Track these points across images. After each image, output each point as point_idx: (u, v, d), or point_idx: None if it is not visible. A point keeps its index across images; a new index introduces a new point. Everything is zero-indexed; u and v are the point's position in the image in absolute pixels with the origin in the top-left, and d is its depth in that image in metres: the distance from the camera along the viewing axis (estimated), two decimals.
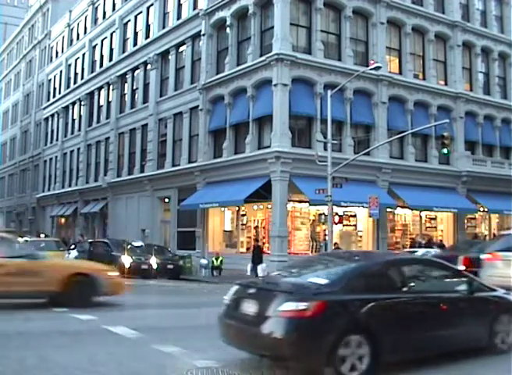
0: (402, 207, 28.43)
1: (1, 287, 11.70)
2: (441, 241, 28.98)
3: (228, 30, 28.77)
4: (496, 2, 34.86)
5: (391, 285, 7.28)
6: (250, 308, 6.94)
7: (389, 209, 27.85)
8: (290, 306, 6.41)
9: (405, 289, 7.32)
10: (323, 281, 7.02)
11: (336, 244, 24.23)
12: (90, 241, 31.24)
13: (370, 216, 24.86)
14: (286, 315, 6.41)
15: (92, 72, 43.97)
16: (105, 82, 41.29)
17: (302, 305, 6.39)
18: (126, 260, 24.78)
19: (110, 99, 40.94)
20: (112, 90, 40.38)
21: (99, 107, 43.00)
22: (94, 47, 44.28)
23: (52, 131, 51.83)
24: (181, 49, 33.21)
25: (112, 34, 41.39)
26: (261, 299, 6.88)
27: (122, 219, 36.89)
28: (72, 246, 30.45)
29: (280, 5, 25.56)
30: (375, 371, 6.59)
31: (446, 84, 31.45)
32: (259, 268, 22.34)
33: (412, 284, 7.55)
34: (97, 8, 44.76)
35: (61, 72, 50.57)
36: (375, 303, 6.84)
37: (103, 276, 13.34)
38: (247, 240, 27.93)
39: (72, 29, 49.35)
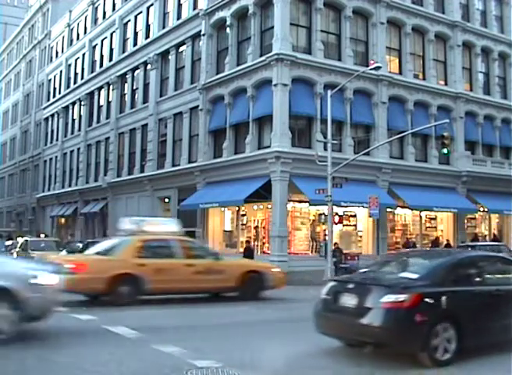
0: (402, 207, 28.43)
1: (192, 284, 13.97)
2: (448, 240, 29.13)
3: (228, 30, 28.78)
4: (495, 2, 34.87)
5: (470, 278, 8.16)
6: (349, 301, 7.73)
7: (389, 209, 27.85)
8: (390, 298, 7.22)
9: (481, 282, 8.22)
10: (414, 276, 7.84)
11: (336, 244, 24.23)
12: (88, 240, 31.22)
13: (370, 216, 24.87)
14: (386, 306, 7.22)
15: (92, 72, 43.97)
16: (105, 82, 41.29)
17: (401, 297, 7.20)
18: None
19: (110, 99, 40.94)
20: (112, 90, 40.38)
21: (99, 107, 42.99)
22: (94, 47, 44.29)
23: (52, 131, 51.82)
24: (181, 49, 33.21)
25: (112, 34, 41.39)
26: (360, 293, 7.67)
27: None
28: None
29: (280, 5, 25.57)
30: (460, 354, 7.44)
31: (446, 84, 31.46)
32: None
33: (487, 278, 8.40)
34: (97, 8, 44.76)
35: (61, 72, 50.57)
36: (459, 294, 7.74)
37: (270, 273, 15.30)
38: (247, 240, 27.94)
39: (72, 29, 49.35)
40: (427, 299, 7.38)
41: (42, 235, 41.46)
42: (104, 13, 43.25)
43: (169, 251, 14.29)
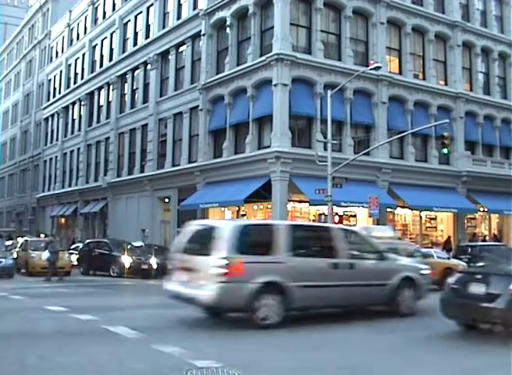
0: (402, 207, 28.43)
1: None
2: (459, 241, 29.46)
3: (228, 30, 28.77)
4: (495, 2, 34.87)
5: None
6: (478, 289, 9.13)
7: (389, 209, 27.84)
8: None
9: None
10: None
11: None
12: (88, 241, 31.29)
13: (370, 216, 24.87)
14: None
15: (92, 72, 43.98)
16: (105, 82, 41.29)
17: None
18: (126, 260, 24.81)
19: (110, 99, 40.94)
20: (112, 90, 40.38)
21: (99, 107, 43.00)
22: (94, 47, 44.29)
23: (52, 131, 51.82)
24: (181, 49, 33.21)
25: (112, 34, 41.39)
26: (488, 282, 9.09)
27: (122, 219, 36.89)
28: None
29: (280, 5, 25.56)
30: None
31: (446, 84, 31.46)
32: None
33: None
34: (97, 8, 44.76)
35: (61, 72, 50.57)
36: None
37: (458, 269, 17.86)
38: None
39: (72, 29, 49.35)
40: None
41: (42, 235, 41.43)
42: (104, 13, 43.24)
43: (397, 252, 17.15)
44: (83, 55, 45.75)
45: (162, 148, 34.15)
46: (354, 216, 28.00)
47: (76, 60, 47.69)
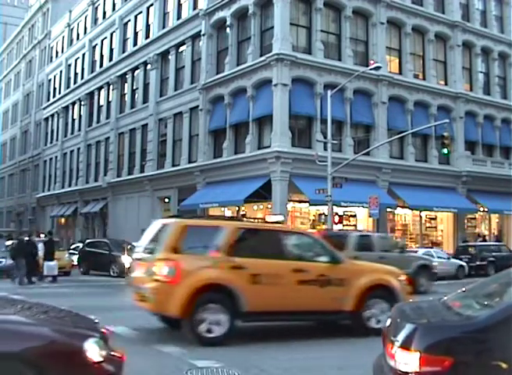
0: (402, 207, 28.44)
1: None
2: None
3: (228, 30, 28.78)
4: (495, 2, 34.89)
5: None
6: None
7: (389, 209, 27.85)
8: None
9: None
10: None
11: None
12: (88, 241, 31.28)
13: (370, 216, 24.88)
14: None
15: (92, 72, 43.99)
16: (105, 82, 41.29)
17: None
18: (126, 260, 24.78)
19: (110, 99, 40.95)
20: (112, 90, 40.39)
21: (99, 107, 43.00)
22: (94, 47, 44.29)
23: (52, 131, 51.83)
24: (181, 49, 33.22)
25: (112, 34, 41.40)
26: None
27: (122, 219, 36.88)
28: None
29: (280, 5, 25.57)
30: None
31: (446, 84, 31.48)
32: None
33: None
34: (97, 8, 44.76)
35: (61, 72, 50.58)
36: None
37: None
38: None
39: (72, 29, 49.35)
40: None
41: (42, 235, 41.35)
42: (104, 13, 43.25)
43: None
44: (83, 55, 45.75)
45: (162, 148, 34.16)
46: (354, 216, 28.01)
47: (76, 60, 47.69)
